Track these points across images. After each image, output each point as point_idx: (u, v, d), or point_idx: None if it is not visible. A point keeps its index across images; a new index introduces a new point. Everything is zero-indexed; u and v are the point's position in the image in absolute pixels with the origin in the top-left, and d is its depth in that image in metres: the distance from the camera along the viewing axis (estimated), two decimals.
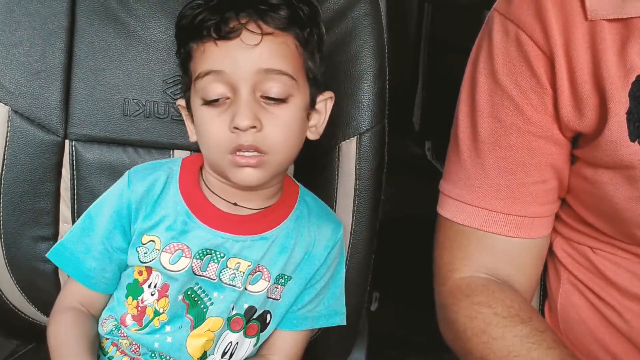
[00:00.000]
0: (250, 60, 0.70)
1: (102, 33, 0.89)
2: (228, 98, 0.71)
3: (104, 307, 0.81)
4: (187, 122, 0.80)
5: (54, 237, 0.92)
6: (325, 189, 0.90)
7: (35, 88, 0.88)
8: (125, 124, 0.91)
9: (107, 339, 0.80)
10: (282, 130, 0.72)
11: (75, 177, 0.91)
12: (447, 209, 0.79)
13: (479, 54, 0.77)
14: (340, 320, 0.87)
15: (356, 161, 0.89)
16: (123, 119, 0.91)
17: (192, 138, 0.79)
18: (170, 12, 0.90)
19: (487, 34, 0.76)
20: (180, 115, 0.90)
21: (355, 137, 0.89)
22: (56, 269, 0.92)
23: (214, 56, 0.71)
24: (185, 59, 0.75)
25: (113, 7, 0.89)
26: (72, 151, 0.90)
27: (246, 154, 0.71)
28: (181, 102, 0.80)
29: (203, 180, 0.80)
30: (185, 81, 0.77)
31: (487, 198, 0.75)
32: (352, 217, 0.90)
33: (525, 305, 0.74)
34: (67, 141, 0.90)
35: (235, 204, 0.78)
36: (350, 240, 0.91)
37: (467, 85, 0.78)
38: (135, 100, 0.91)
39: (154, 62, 0.91)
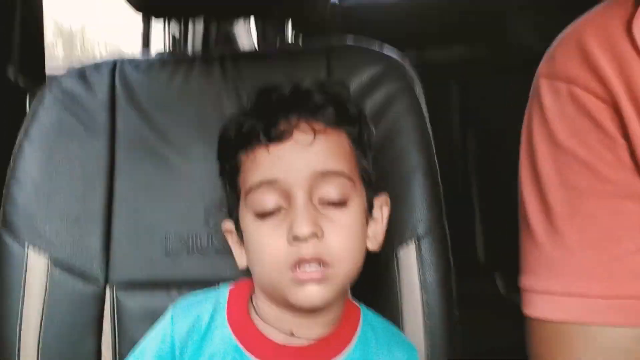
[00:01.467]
0: (305, 162, 0.66)
1: (142, 169, 0.89)
2: (282, 208, 0.66)
3: None
4: (235, 247, 0.75)
5: None
6: (387, 307, 0.81)
7: (75, 235, 0.86)
8: (168, 264, 0.87)
9: None
10: (345, 236, 0.67)
11: (117, 330, 0.85)
12: (535, 307, 0.68)
13: (532, 124, 0.71)
14: None
15: (419, 270, 0.81)
16: (165, 258, 0.87)
17: (242, 264, 0.74)
18: (208, 139, 0.88)
19: (536, 102, 0.71)
20: (224, 245, 0.86)
21: (413, 241, 0.82)
22: None
23: (266, 164, 0.67)
24: (232, 174, 0.72)
25: (152, 141, 0.90)
26: (114, 300, 0.86)
27: (308, 269, 0.65)
28: (228, 226, 0.75)
29: (254, 308, 0.73)
30: (233, 199, 0.73)
31: (579, 282, 0.64)
32: (424, 338, 0.80)
33: None
34: (107, 290, 0.86)
35: (291, 334, 0.70)
36: None
37: (525, 159, 0.72)
38: (177, 235, 0.87)
39: (195, 193, 0.89)
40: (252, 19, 1.53)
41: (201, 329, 0.71)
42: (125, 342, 0.85)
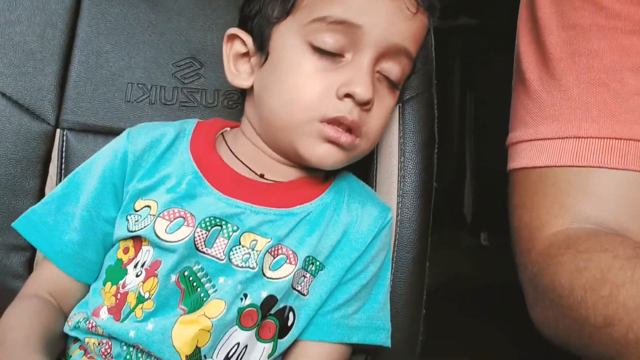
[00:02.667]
0: (396, 29, 0.61)
1: (109, 14, 0.83)
2: (344, 57, 0.60)
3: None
4: (230, 60, 0.67)
5: (31, 246, 0.76)
6: (361, 169, 0.74)
7: (28, 69, 0.79)
8: (127, 111, 0.80)
9: (75, 340, 0.62)
10: (384, 117, 0.64)
11: (63, 172, 0.79)
12: (521, 157, 0.62)
13: None
14: (384, 339, 0.67)
15: (399, 135, 0.75)
16: (125, 105, 0.81)
17: (239, 82, 0.66)
18: None
19: None
20: (190, 99, 0.80)
21: (398, 106, 0.75)
22: None
23: (360, 5, 0.60)
24: None
25: None
26: (63, 142, 0.79)
27: (339, 127, 0.60)
28: (236, 32, 0.66)
29: (226, 143, 0.67)
30: (277, 12, 0.63)
31: (573, 122, 0.58)
32: (397, 203, 0.74)
33: None
34: (58, 130, 0.79)
35: (262, 176, 0.65)
36: (396, 235, 0.73)
37: (525, 13, 0.67)
38: (140, 85, 0.81)
39: (164, 44, 0.82)
40: None
41: (160, 149, 0.65)
42: None
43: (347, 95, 0.59)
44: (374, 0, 0.60)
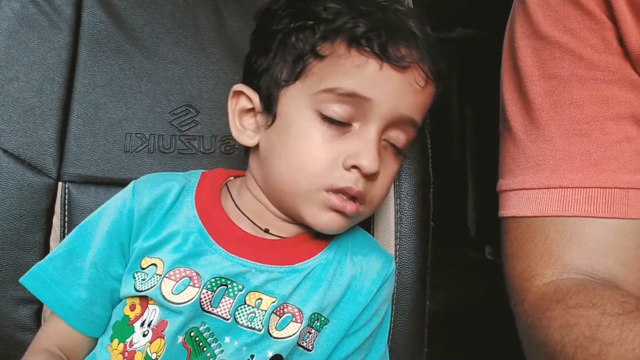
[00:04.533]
0: (405, 103, 0.63)
1: (105, 66, 0.86)
2: (352, 127, 0.63)
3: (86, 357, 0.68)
4: (236, 116, 0.69)
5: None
6: None
7: (28, 124, 0.83)
8: (127, 161, 0.84)
9: None
10: (387, 184, 0.67)
11: (66, 224, 0.82)
12: (510, 206, 0.66)
13: (514, 25, 0.69)
14: None
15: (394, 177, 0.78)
16: (124, 155, 0.84)
17: (245, 140, 0.68)
18: (179, 42, 0.88)
19: (520, 3, 0.69)
20: (187, 148, 0.83)
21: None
22: None
23: (372, 80, 0.61)
24: (303, 52, 0.63)
25: (118, 38, 0.87)
26: (65, 194, 0.83)
27: (345, 197, 0.63)
28: (241, 88, 0.68)
29: (231, 197, 0.70)
30: (284, 74, 0.64)
31: (558, 172, 0.62)
32: (395, 246, 0.77)
33: None
34: (60, 183, 0.83)
35: (266, 231, 0.68)
36: (394, 277, 0.76)
37: (507, 60, 0.70)
38: (138, 135, 0.85)
39: (160, 93, 0.86)
40: None
41: (165, 205, 0.68)
42: None
43: (354, 167, 0.62)
44: (384, 74, 0.61)
